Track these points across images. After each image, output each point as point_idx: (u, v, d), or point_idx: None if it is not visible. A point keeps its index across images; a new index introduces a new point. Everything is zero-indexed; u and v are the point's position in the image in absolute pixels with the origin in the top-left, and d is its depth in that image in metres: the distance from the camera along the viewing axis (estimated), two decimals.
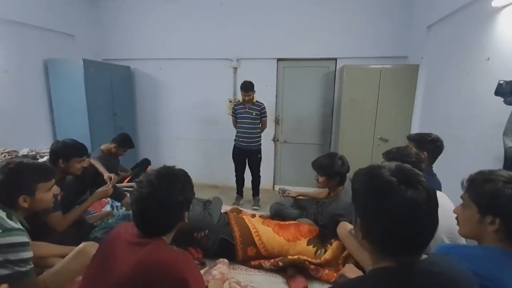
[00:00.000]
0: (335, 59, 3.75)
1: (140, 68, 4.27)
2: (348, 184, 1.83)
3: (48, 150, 3.30)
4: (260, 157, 3.55)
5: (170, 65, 4.16)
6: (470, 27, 2.27)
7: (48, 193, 1.30)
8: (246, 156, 3.52)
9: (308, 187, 3.96)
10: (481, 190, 0.87)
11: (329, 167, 1.83)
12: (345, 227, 1.65)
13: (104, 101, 3.71)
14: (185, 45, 4.03)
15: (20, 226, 1.12)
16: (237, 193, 3.73)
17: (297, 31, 3.74)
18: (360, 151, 3.37)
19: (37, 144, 3.35)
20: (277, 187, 4.26)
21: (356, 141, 3.39)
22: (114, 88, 3.85)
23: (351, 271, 1.24)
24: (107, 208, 2.43)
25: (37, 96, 3.41)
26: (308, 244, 1.69)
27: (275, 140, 4.13)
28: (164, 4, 3.98)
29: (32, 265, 1.11)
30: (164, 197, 0.89)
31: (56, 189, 1.36)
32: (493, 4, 1.92)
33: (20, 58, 3.17)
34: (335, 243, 1.68)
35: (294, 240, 1.70)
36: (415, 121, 3.19)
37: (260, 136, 3.47)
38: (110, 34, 4.22)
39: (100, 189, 1.99)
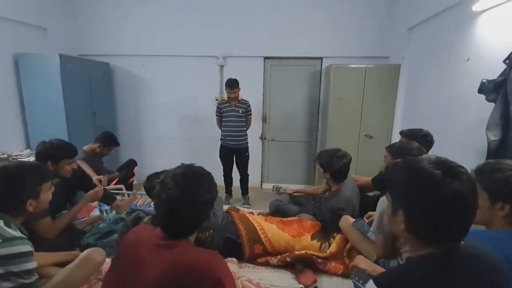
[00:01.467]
0: (321, 58, 3.84)
1: (120, 64, 4.07)
2: (348, 180, 1.88)
3: (21, 152, 3.08)
4: (248, 155, 3.54)
5: (153, 62, 4.00)
6: (450, 30, 2.43)
7: (49, 193, 1.21)
8: (233, 155, 3.49)
9: (295, 184, 4.02)
10: (491, 179, 0.94)
11: (324, 163, 1.87)
12: (347, 220, 1.70)
13: (82, 99, 3.48)
14: (170, 42, 3.90)
15: (21, 234, 1.02)
16: (226, 192, 3.69)
17: (284, 30, 3.77)
18: (347, 147, 3.37)
19: (8, 146, 3.07)
20: (265, 185, 4.29)
21: (342, 138, 3.49)
22: (93, 86, 3.63)
23: (363, 262, 1.29)
24: (96, 212, 2.29)
25: (6, 93, 3.11)
26: (312, 239, 1.72)
27: (262, 138, 4.14)
28: None
29: (37, 276, 1.02)
30: (194, 197, 0.86)
31: (52, 188, 1.26)
32: (474, 8, 2.07)
33: None
34: (338, 236, 1.72)
35: (299, 236, 1.72)
36: (397, 118, 3.36)
37: (246, 134, 3.46)
38: (87, 28, 3.96)
39: (91, 192, 1.88)
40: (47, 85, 3.12)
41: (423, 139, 1.87)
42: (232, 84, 3.19)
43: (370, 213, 1.69)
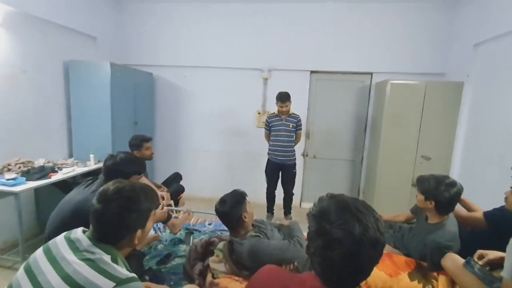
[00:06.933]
0: (371, 73, 3.67)
1: (163, 75, 4.02)
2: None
3: (65, 161, 2.98)
4: (295, 172, 3.36)
5: (196, 73, 3.94)
6: None
7: (152, 222, 1.02)
8: (280, 171, 3.32)
9: None
10: None
11: (429, 189, 1.62)
12: (455, 260, 1.46)
13: (126, 109, 3.40)
14: (214, 54, 3.84)
15: (132, 273, 0.85)
16: (267, 211, 3.48)
17: (332, 44, 3.64)
18: (401, 168, 3.26)
19: (52, 154, 3.00)
20: (304, 204, 4.07)
21: (396, 158, 3.27)
22: (137, 96, 3.57)
23: None
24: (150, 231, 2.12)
25: (55, 100, 3.07)
26: (411, 279, 1.49)
27: (304, 155, 3.95)
28: (194, 11, 3.79)
29: None
30: (377, 237, 0.65)
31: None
32: None
33: (39, 58, 2.85)
34: (442, 278, 1.48)
35: (396, 275, 1.49)
36: (458, 139, 3.12)
37: (295, 150, 3.29)
38: (133, 38, 3.96)
39: (160, 211, 1.72)
40: (95, 93, 3.06)
41: None
42: (283, 98, 3.06)
43: (481, 252, 1.44)
